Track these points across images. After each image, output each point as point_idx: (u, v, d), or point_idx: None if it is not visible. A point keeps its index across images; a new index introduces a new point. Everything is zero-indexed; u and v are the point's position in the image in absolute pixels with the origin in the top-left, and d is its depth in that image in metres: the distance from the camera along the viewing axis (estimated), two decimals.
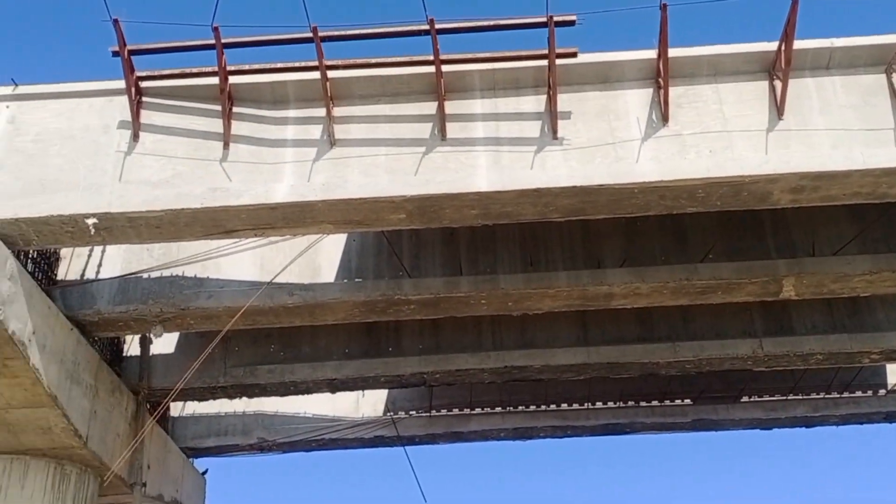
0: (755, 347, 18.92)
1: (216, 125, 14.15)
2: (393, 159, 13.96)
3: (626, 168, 13.63)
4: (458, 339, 19.01)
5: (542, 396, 22.51)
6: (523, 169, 13.70)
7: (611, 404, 22.92)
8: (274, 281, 16.37)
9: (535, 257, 16.64)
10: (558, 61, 13.73)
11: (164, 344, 18.82)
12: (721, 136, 13.79)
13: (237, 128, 14.22)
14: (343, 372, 19.14)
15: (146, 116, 14.19)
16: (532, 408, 22.72)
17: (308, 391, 19.91)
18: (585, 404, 22.72)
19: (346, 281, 16.77)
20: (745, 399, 23.29)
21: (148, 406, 18.55)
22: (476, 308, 17.15)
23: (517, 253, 16.69)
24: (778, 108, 13.95)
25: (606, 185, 13.55)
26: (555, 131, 13.86)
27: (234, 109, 14.25)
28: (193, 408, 21.52)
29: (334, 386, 19.67)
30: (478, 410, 22.60)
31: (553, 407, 22.72)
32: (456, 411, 22.61)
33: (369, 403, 22.53)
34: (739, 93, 14.20)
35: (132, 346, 18.86)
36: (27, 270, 14.75)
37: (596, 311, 17.99)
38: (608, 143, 13.86)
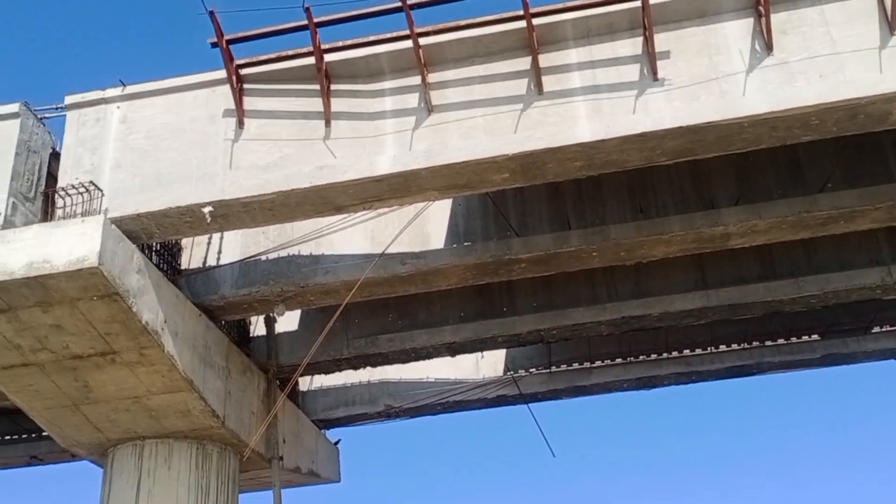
0: (884, 275, 18.13)
1: (316, 104, 14.39)
2: (491, 119, 13.92)
3: (732, 103, 13.21)
4: (573, 294, 18.90)
5: (664, 344, 22.17)
6: (625, 114, 13.44)
7: (735, 346, 22.37)
8: (386, 252, 16.62)
9: (645, 204, 16.35)
10: (652, 0, 13.36)
11: (288, 322, 19.40)
12: (830, 59, 13.19)
13: (336, 105, 14.43)
14: (460, 335, 19.33)
15: (249, 103, 14.55)
16: (654, 356, 22.40)
17: (428, 356, 20.21)
18: (709, 349, 22.24)
19: (455, 246, 16.88)
20: (876, 329, 22.37)
21: (278, 382, 19.21)
22: (588, 261, 17.00)
23: (626, 201, 16.43)
24: (889, 23, 13.22)
25: (714, 122, 13.17)
26: (655, 72, 13.53)
27: (332, 87, 14.45)
28: (321, 381, 22.11)
29: (453, 349, 19.90)
30: (598, 363, 22.44)
31: (675, 354, 22.33)
32: (576, 366, 22.51)
33: (489, 364, 22.67)
34: (847, 12, 13.51)
35: (258, 327, 19.51)
36: (153, 262, 15.43)
37: (713, 252, 17.56)
38: (711, 78, 13.44)
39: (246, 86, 14.59)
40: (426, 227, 17.09)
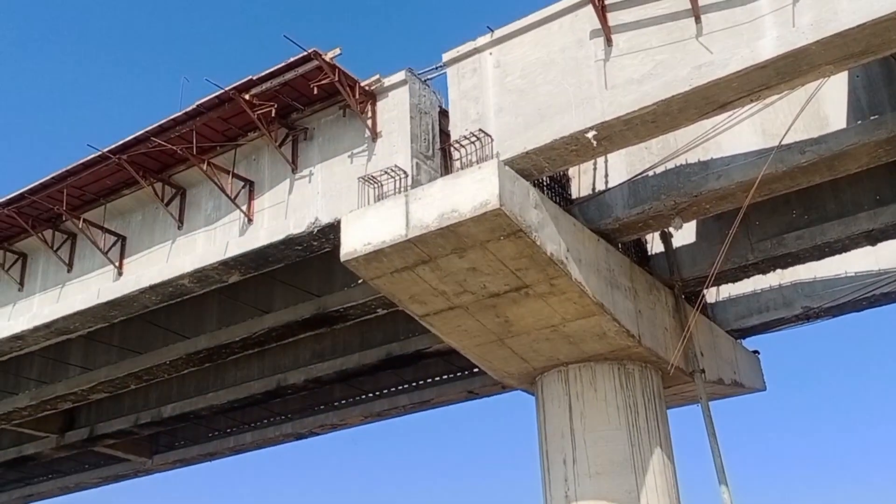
0: None
1: (682, 2, 13.75)
2: None
3: None
4: None
5: None
6: None
7: None
8: (781, 143, 15.52)
9: None
10: None
11: (685, 235, 19.02)
12: None
13: None
14: (879, 220, 17.55)
15: (613, 18, 14.30)
16: None
17: (844, 249, 18.66)
18: None
19: (860, 123, 15.28)
20: None
21: (683, 297, 18.97)
22: None
23: None
24: None
25: None
26: None
27: None
28: (728, 290, 21.41)
29: (872, 237, 18.15)
30: None
31: None
32: None
33: None
34: None
35: (655, 244, 19.36)
36: (546, 196, 15.89)
37: None
38: None
39: (607, 1, 14.34)
40: (822, 108, 15.68)
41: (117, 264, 19.80)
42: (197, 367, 24.49)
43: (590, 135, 14.26)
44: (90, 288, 20.16)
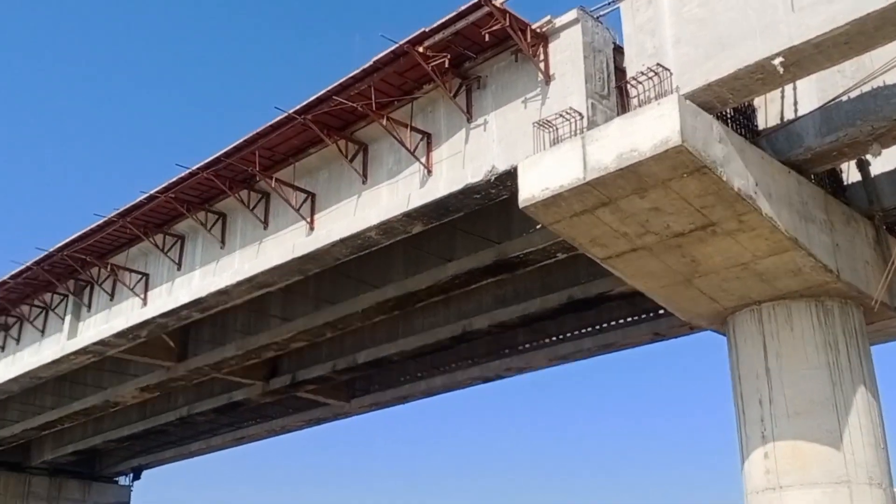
0: None
1: None
2: None
3: None
4: None
5: None
6: None
7: None
8: None
9: None
10: None
11: (882, 161, 17.70)
12: None
13: None
14: None
15: None
16: None
17: None
18: None
19: None
20: None
21: (884, 227, 17.78)
22: None
23: None
24: None
25: None
26: None
27: None
28: None
29: None
30: None
31: None
32: None
33: None
34: None
35: (850, 173, 18.19)
36: (730, 129, 15.24)
37: None
38: None
39: None
40: None
41: (309, 220, 20.79)
42: (387, 314, 25.49)
43: (776, 62, 13.53)
44: (285, 243, 21.31)
